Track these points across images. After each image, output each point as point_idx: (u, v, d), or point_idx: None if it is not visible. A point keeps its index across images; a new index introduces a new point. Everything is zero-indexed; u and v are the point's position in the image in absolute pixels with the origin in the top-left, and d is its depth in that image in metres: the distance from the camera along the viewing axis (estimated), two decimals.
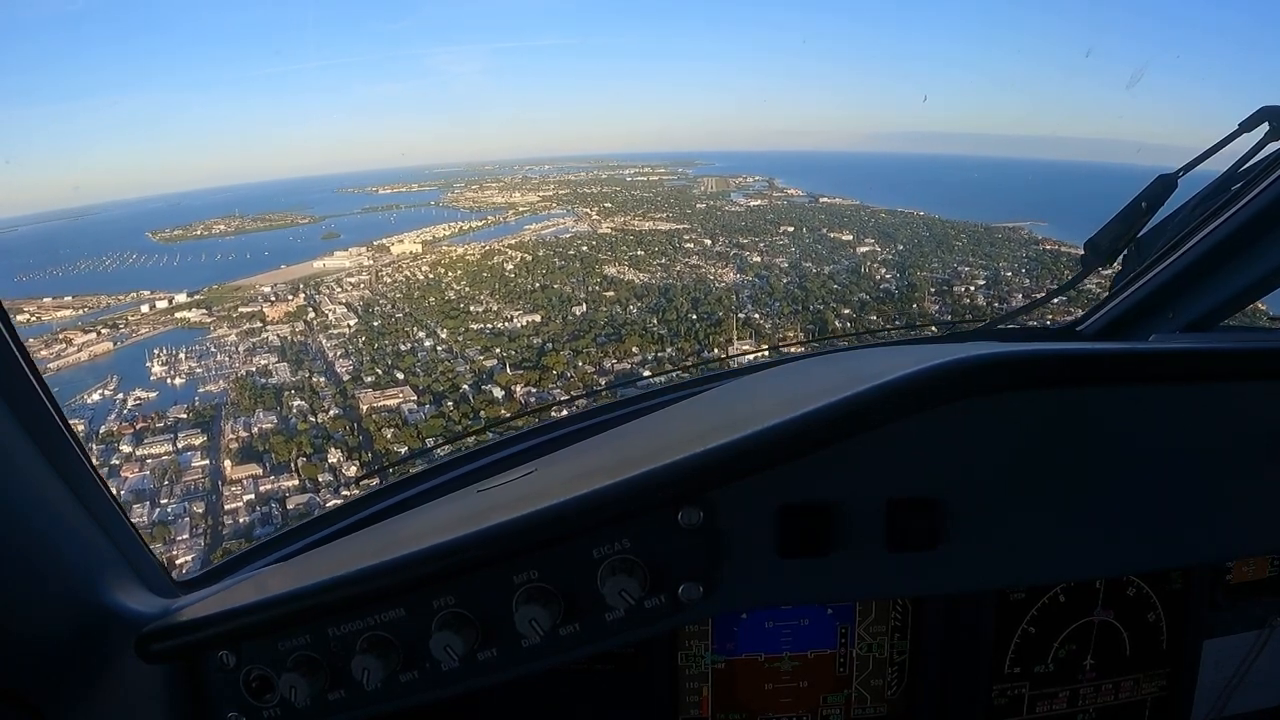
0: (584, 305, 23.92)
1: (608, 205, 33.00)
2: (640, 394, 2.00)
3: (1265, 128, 1.56)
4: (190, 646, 1.13)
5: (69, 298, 22.95)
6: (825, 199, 32.56)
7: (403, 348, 21.35)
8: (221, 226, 30.44)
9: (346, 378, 19.64)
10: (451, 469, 1.83)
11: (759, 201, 32.71)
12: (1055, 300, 2.76)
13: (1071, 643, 1.58)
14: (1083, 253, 1.94)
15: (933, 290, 22.15)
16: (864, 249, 26.35)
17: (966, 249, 25.44)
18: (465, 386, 18.94)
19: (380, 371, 20.02)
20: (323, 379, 19.77)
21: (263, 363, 20.35)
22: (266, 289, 24.52)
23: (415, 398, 18.43)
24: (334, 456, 16.08)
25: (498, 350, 20.66)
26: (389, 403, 18.32)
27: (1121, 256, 1.90)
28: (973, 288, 21.82)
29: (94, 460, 1.24)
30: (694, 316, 22.23)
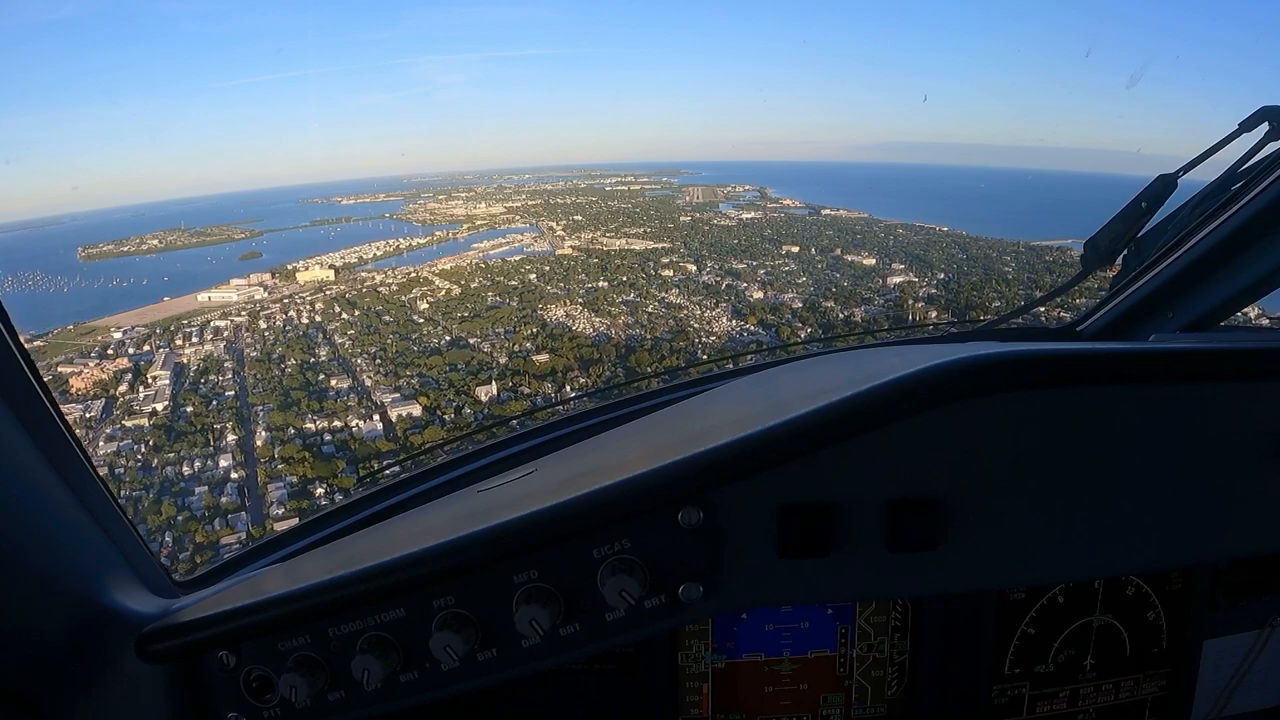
0: (495, 385, 16.20)
1: (578, 218, 27.97)
2: (640, 394, 2.00)
3: (1265, 128, 1.57)
4: (190, 647, 1.13)
5: None
6: (828, 211, 28.39)
7: (186, 471, 14.17)
8: (154, 242, 26.99)
9: None
10: (451, 469, 1.83)
11: (752, 214, 28.44)
12: (1055, 300, 2.76)
13: (1071, 643, 1.58)
14: (1083, 253, 1.94)
15: None
16: (896, 278, 20.95)
17: (1020, 277, 20.58)
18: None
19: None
20: None
21: None
22: (118, 334, 19.41)
23: None
24: None
25: (319, 493, 13.24)
26: None
27: (1121, 257, 1.91)
28: None
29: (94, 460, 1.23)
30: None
